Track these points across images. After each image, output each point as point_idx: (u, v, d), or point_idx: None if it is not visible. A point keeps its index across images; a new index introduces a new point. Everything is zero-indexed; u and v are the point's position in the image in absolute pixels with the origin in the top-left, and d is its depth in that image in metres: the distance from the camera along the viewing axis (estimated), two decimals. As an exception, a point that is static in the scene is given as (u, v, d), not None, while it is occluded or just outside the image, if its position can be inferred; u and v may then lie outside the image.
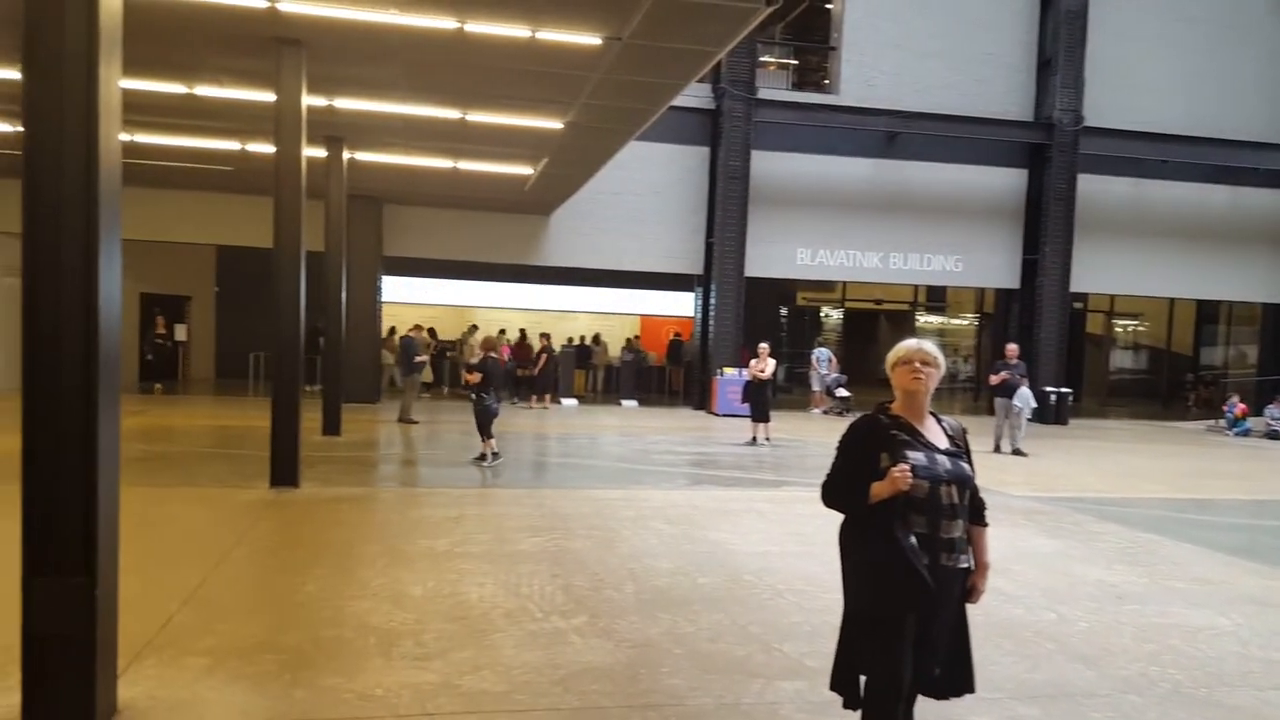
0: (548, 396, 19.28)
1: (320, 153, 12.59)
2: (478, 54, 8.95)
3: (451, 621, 5.22)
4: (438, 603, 5.56)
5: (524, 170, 14.47)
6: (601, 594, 5.88)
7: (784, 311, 26.32)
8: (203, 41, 8.95)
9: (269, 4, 7.84)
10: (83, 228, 3.63)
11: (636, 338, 23.60)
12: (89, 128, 3.62)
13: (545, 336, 19.51)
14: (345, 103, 10.93)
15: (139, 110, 11.01)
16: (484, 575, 6.18)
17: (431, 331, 21.02)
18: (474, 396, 11.07)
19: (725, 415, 18.08)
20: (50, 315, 3.64)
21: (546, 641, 4.96)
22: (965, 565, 3.21)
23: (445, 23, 8.11)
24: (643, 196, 19.44)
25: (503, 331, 21.20)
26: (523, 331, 22.30)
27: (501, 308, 22.86)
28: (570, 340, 22.84)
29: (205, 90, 10.63)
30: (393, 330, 20.18)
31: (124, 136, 3.99)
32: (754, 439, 13.99)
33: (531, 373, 19.35)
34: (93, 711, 3.65)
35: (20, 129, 11.29)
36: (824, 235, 20.18)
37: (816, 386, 20.33)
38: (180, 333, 21.36)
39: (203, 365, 22.94)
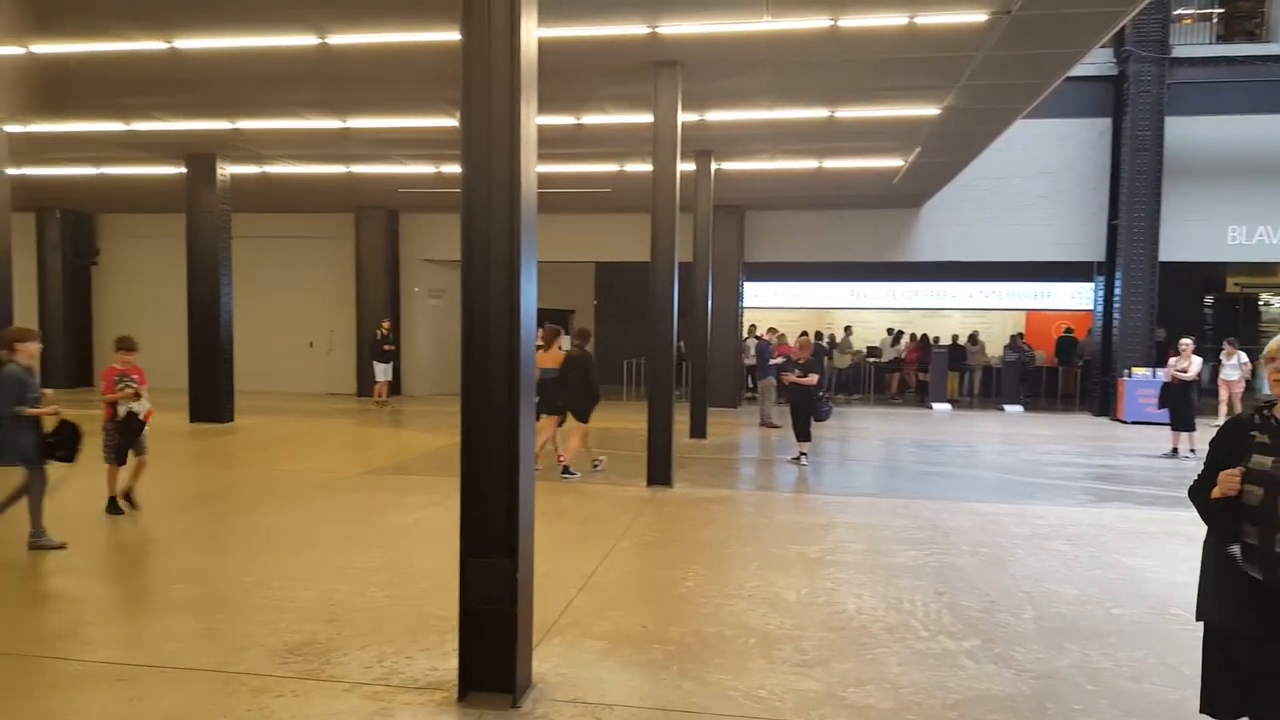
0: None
1: (689, 167, 13.16)
2: (849, 49, 8.76)
3: (830, 630, 5.12)
4: (814, 610, 5.49)
5: (893, 162, 13.96)
6: (995, 617, 5.42)
7: (1209, 300, 22.68)
8: (590, 73, 9.75)
9: (650, 30, 8.31)
10: (506, 251, 4.06)
11: (1019, 335, 21.69)
12: (512, 162, 4.03)
13: (816, 333, 18.76)
14: (715, 115, 11.30)
15: (539, 144, 12.32)
16: (860, 586, 6.01)
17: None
18: (817, 398, 11.06)
19: (1134, 423, 16.01)
20: (481, 328, 4.11)
21: (935, 662, 4.67)
22: None
23: (818, 22, 8.04)
24: (1029, 179, 17.85)
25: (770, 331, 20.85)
26: (925, 338, 21.68)
27: (864, 307, 22.34)
28: (936, 339, 21.65)
29: (590, 119, 11.58)
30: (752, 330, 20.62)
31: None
32: (1174, 450, 12.18)
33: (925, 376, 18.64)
34: (514, 680, 4.07)
35: (439, 170, 13.04)
36: (1264, 209, 17.01)
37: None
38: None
39: (583, 372, 25.18)
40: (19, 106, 11.32)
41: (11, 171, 11.25)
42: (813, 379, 11.05)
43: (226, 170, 14.96)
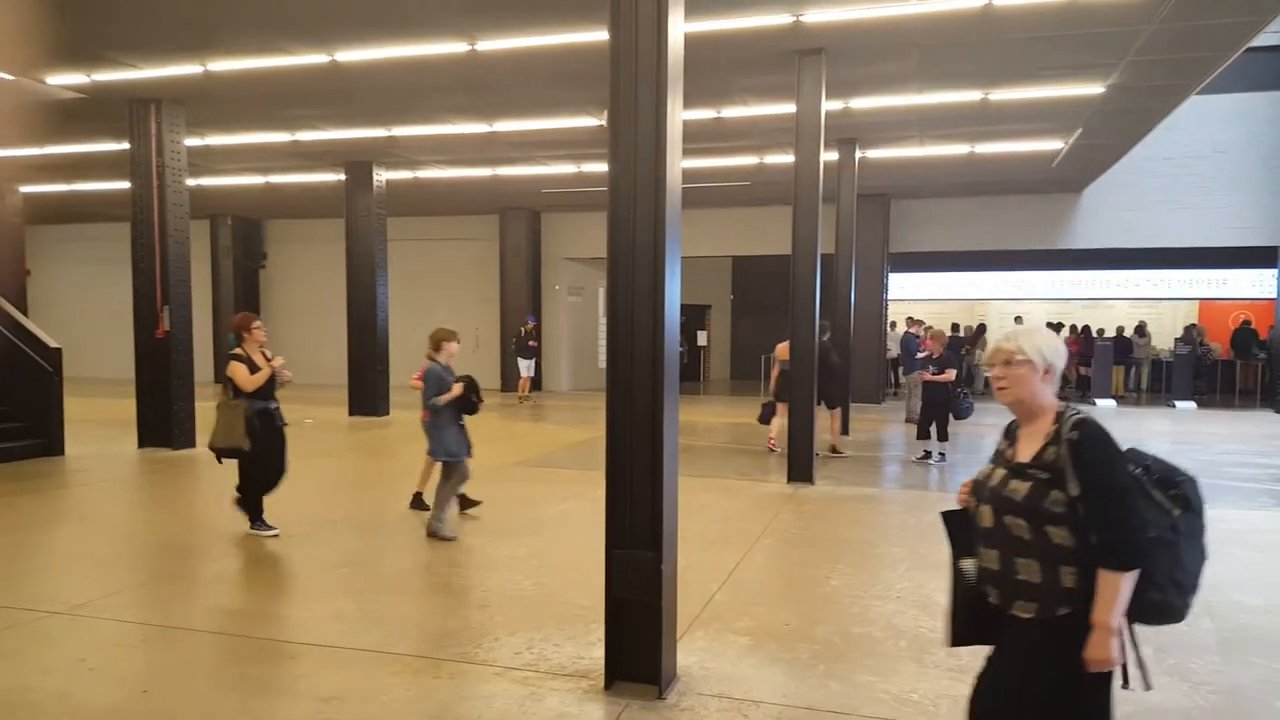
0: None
1: (832, 156, 12.88)
2: (1005, 28, 8.35)
3: (985, 635, 4.89)
4: (968, 613, 5.26)
5: (1052, 145, 13.23)
6: (1168, 627, 5.04)
7: None
8: (731, 66, 9.69)
9: (794, 19, 8.18)
10: (651, 248, 4.08)
11: (1192, 326, 20.11)
12: (658, 159, 4.05)
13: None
14: (860, 102, 11.03)
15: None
16: (1018, 589, 5.71)
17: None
18: (958, 393, 10.62)
19: (1323, 421, 14.60)
20: (627, 323, 4.14)
21: (1101, 673, 4.38)
22: (1020, 614, 2.45)
23: (970, 1, 7.70)
24: (1203, 159, 16.55)
25: (910, 320, 19.81)
26: (1086, 329, 20.51)
27: (1020, 298, 21.29)
28: (1100, 331, 20.36)
29: (731, 111, 11.51)
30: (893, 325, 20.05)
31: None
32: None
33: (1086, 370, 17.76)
34: (659, 671, 4.09)
35: (579, 169, 13.30)
36: None
37: None
38: (701, 338, 23.65)
39: (719, 367, 25.07)
40: (198, 122, 12.26)
41: (190, 182, 12.22)
42: (950, 374, 10.63)
43: (382, 176, 15.74)
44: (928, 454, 10.85)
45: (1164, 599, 2.35)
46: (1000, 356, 2.58)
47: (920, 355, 14.48)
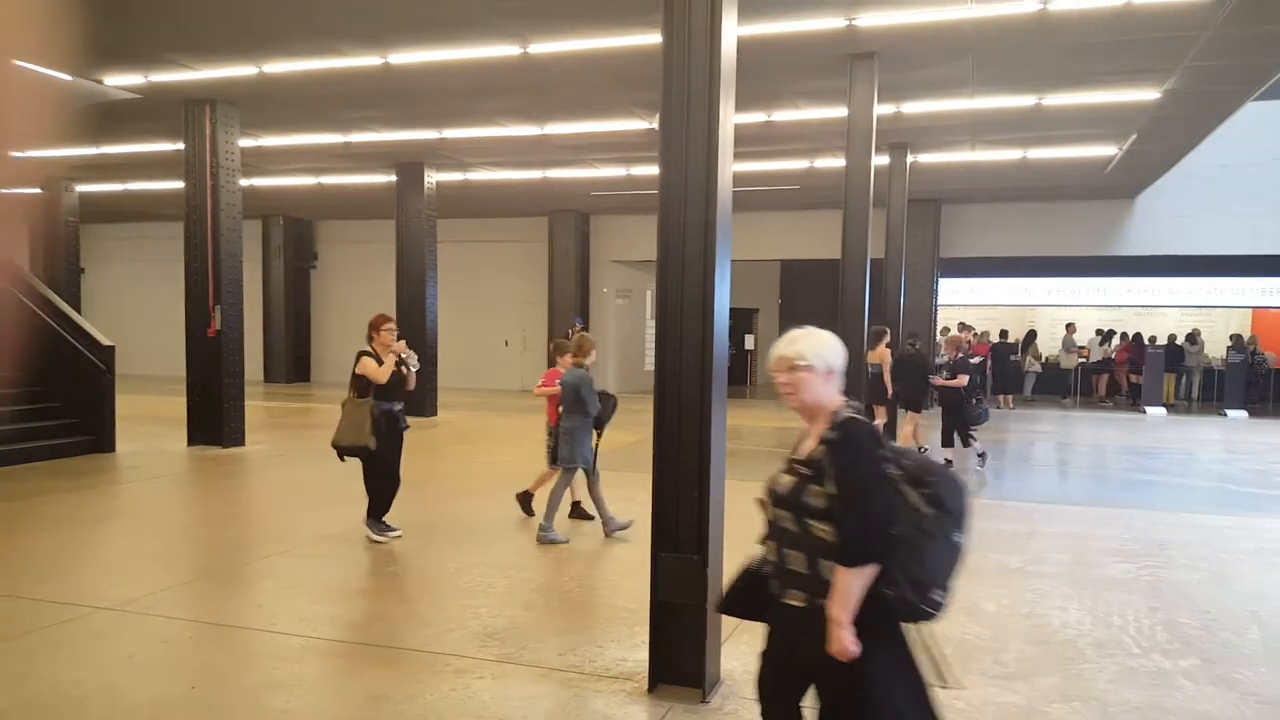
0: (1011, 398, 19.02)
1: (883, 160, 12.77)
2: (1060, 33, 8.22)
3: (1032, 644, 4.88)
4: (1014, 622, 5.24)
5: (1106, 151, 12.99)
6: (1216, 636, 4.99)
7: None
8: (783, 69, 9.64)
9: (847, 23, 8.13)
10: (701, 252, 4.10)
11: (1239, 335, 19.58)
12: (709, 163, 4.06)
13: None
14: (912, 107, 10.92)
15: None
16: (1065, 599, 5.67)
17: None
18: (972, 400, 10.55)
19: (1387, 435, 14.15)
20: (675, 326, 4.16)
21: (1148, 681, 4.36)
22: (800, 605, 2.48)
23: (1026, 6, 7.60)
24: (1261, 166, 16.15)
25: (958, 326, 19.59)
26: (1138, 337, 20.12)
27: (1069, 305, 20.93)
28: (1152, 339, 19.92)
29: (781, 115, 11.45)
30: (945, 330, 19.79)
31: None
32: None
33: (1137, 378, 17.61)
34: (704, 675, 4.10)
35: (629, 172, 13.26)
36: None
37: None
38: (748, 342, 23.54)
39: (766, 371, 24.96)
40: (251, 123, 12.50)
41: (244, 182, 12.45)
42: (962, 380, 10.55)
43: (433, 178, 15.90)
44: (949, 462, 10.75)
45: (899, 595, 2.36)
46: (783, 364, 2.63)
47: (973, 359, 14.39)
